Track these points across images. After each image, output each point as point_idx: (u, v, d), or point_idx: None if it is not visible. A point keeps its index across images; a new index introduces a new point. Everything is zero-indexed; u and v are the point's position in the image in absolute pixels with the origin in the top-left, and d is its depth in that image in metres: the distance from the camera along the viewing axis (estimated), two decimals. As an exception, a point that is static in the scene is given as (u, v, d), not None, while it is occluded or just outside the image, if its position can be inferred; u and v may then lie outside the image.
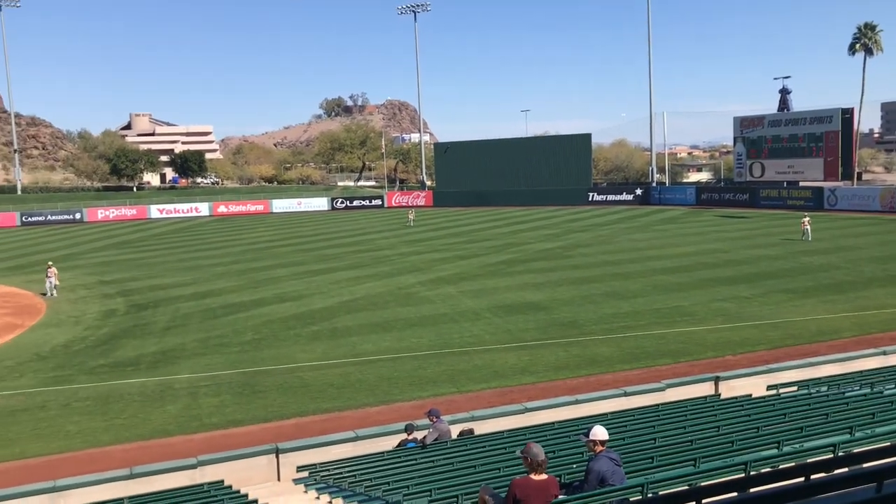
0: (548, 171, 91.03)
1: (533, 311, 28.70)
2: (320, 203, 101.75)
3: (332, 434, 14.80)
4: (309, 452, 13.72)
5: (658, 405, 15.00)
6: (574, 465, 9.83)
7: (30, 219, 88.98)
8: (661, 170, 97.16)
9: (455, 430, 14.25)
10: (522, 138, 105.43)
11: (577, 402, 15.74)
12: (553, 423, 14.24)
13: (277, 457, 13.63)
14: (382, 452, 13.44)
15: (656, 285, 32.97)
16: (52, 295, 35.76)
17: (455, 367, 21.50)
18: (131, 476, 12.88)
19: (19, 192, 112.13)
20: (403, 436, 14.13)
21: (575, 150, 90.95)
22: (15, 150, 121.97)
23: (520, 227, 63.34)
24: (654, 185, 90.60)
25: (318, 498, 11.56)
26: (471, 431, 14.44)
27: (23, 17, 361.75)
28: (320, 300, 32.63)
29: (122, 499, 11.73)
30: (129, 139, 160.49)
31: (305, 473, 12.84)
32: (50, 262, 38.05)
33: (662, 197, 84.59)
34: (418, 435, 13.79)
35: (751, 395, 15.08)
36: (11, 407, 19.30)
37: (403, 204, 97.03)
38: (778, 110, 79.86)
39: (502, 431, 13.95)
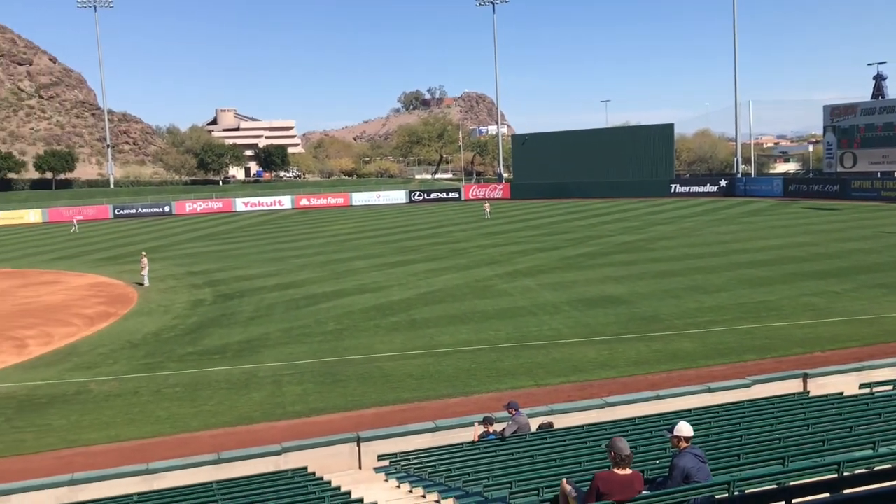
0: (628, 162, 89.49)
1: (613, 304, 28.31)
2: (398, 196, 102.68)
3: (412, 424, 14.95)
4: (389, 442, 13.89)
5: (744, 402, 14.59)
6: (657, 462, 9.66)
7: (122, 212, 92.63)
8: (747, 160, 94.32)
9: (534, 424, 14.19)
10: (602, 129, 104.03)
11: (658, 397, 15.46)
12: (634, 418, 14.03)
13: (359, 445, 13.84)
14: (461, 444, 13.49)
15: (741, 279, 32.06)
16: (145, 284, 37.22)
17: (533, 361, 21.41)
18: (219, 461, 13.29)
19: (112, 186, 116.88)
20: (482, 428, 14.16)
21: (657, 141, 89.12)
22: (108, 146, 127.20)
23: (599, 220, 62.53)
24: (739, 176, 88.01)
25: (398, 487, 11.71)
26: (550, 425, 14.36)
27: (116, 17, 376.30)
28: (399, 292, 32.96)
29: (210, 483, 12.11)
30: (215, 134, 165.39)
31: (386, 462, 13.01)
32: (144, 252, 39.68)
33: (748, 188, 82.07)
34: (497, 427, 13.80)
35: (842, 394, 14.52)
36: (106, 392, 20.17)
37: (480, 196, 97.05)
38: (872, 97, 76.45)
39: (582, 426, 13.83)
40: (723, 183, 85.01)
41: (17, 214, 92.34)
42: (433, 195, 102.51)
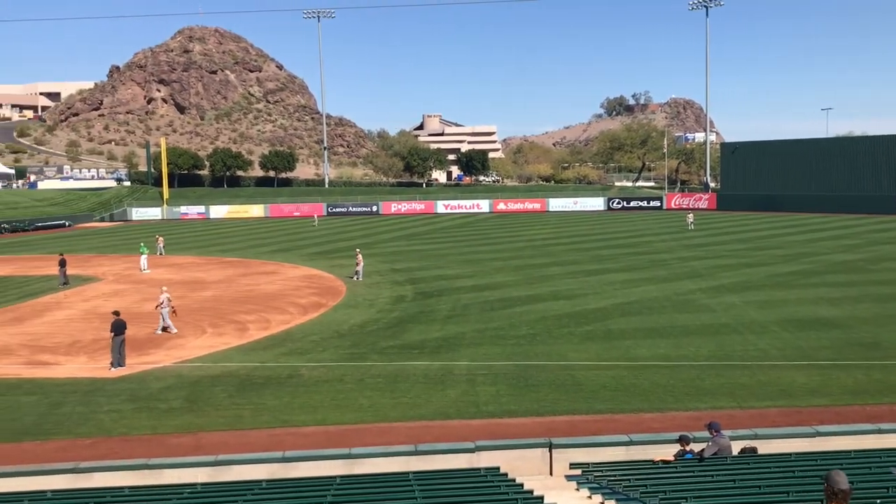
0: (850, 175, 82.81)
1: (827, 327, 26.27)
2: (596, 203, 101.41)
3: (605, 436, 14.72)
4: (582, 451, 13.77)
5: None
6: (877, 501, 8.87)
7: (334, 209, 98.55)
8: None
9: (736, 447, 13.50)
10: (822, 139, 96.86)
11: (880, 431, 14.16)
12: (850, 451, 12.96)
13: (551, 451, 13.84)
14: (657, 460, 13.10)
15: (983, 309, 28.63)
16: (357, 279, 39.41)
17: (736, 381, 20.35)
18: (415, 452, 13.80)
19: (326, 186, 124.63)
20: (678, 446, 13.68)
21: (884, 153, 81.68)
22: (325, 148, 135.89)
23: (814, 236, 58.26)
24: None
25: (590, 497, 11.58)
26: (753, 450, 13.60)
27: (336, 27, 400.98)
28: (594, 300, 32.54)
29: (406, 473, 12.60)
30: (420, 139, 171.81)
31: (578, 471, 12.90)
32: (358, 249, 42.08)
33: None
34: (695, 447, 13.27)
35: None
36: (316, 377, 21.55)
37: (684, 206, 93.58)
38: None
39: (790, 454, 12.97)
40: (964, 200, 76.36)
41: (243, 209, 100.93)
42: (633, 203, 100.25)
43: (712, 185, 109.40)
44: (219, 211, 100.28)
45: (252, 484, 12.03)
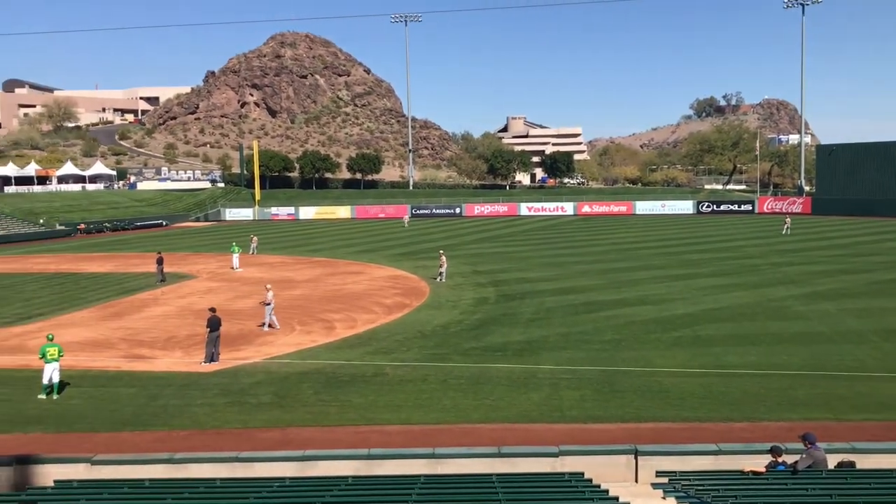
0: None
1: (933, 338, 24.98)
2: (685, 206, 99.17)
3: (693, 444, 14.38)
4: (669, 459, 13.50)
5: None
6: None
7: (418, 211, 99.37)
8: None
9: (832, 461, 12.99)
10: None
11: None
12: (957, 470, 12.29)
13: (636, 458, 13.62)
14: (747, 471, 12.72)
15: None
16: (440, 280, 39.69)
17: (832, 392, 19.58)
18: (499, 455, 13.80)
19: (411, 188, 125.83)
20: (769, 457, 13.25)
21: None
22: (410, 150, 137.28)
23: (919, 242, 55.44)
24: None
25: (676, 506, 11.34)
26: (851, 464, 13.06)
27: (422, 30, 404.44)
28: (682, 306, 31.83)
29: (490, 475, 12.61)
30: (504, 141, 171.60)
31: (665, 479, 12.66)
32: (441, 251, 42.43)
33: None
34: (788, 459, 12.83)
35: None
36: (400, 377, 21.81)
37: (777, 210, 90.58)
38: None
39: (891, 470, 12.39)
40: None
41: (330, 210, 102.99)
42: (723, 207, 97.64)
43: (807, 188, 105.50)
44: (307, 212, 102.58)
45: (338, 480, 12.27)
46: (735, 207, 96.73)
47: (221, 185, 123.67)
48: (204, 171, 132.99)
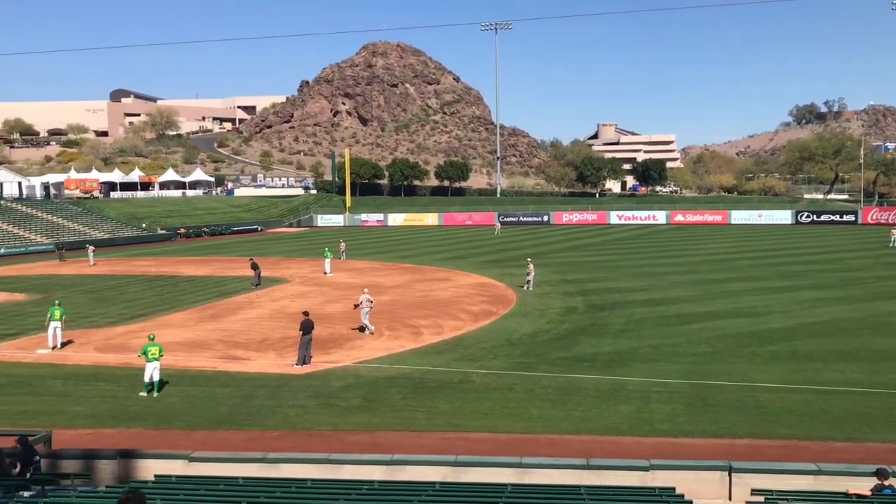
0: None
1: None
2: (783, 216, 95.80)
3: (791, 462, 13.84)
4: (765, 477, 13.02)
5: None
6: None
7: (505, 219, 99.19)
8: None
9: (944, 486, 12.25)
10: None
11: None
12: None
13: (730, 475, 13.20)
14: (850, 494, 12.15)
15: None
16: (528, 288, 39.52)
17: (944, 414, 18.49)
18: (587, 466, 13.60)
19: (498, 195, 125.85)
20: (875, 480, 12.61)
21: None
22: (497, 158, 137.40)
23: None
24: None
25: (773, 527, 10.93)
26: (965, 491, 12.28)
27: (512, 38, 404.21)
28: (779, 319, 30.70)
29: (578, 486, 12.45)
30: (594, 148, 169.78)
31: (760, 498, 12.21)
32: (529, 259, 42.30)
33: None
34: (895, 482, 12.18)
35: None
36: (486, 384, 21.79)
37: (883, 221, 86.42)
38: None
39: None
40: None
41: (418, 217, 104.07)
42: (824, 217, 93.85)
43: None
44: (396, 218, 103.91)
45: (426, 485, 12.34)
46: (837, 218, 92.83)
47: (314, 191, 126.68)
48: (297, 178, 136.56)
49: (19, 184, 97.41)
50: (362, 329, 29.24)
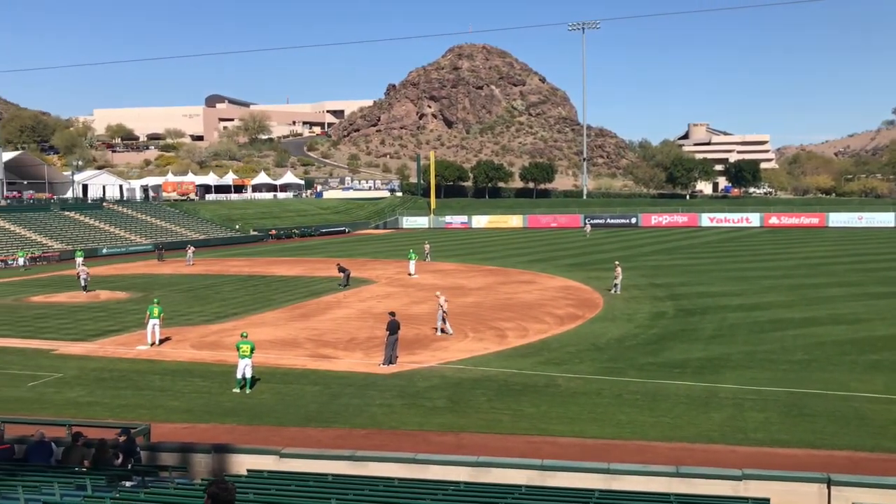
0: None
1: None
2: (885, 218, 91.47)
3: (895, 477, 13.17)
4: (867, 491, 12.42)
5: None
6: None
7: (592, 221, 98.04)
8: None
9: None
10: None
11: None
12: None
13: (829, 488, 12.65)
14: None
15: None
16: (615, 292, 38.94)
17: None
18: (677, 474, 13.27)
19: (584, 197, 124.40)
20: None
21: None
22: (584, 159, 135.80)
23: None
24: None
25: (877, 544, 10.42)
26: None
27: (600, 37, 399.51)
28: (882, 327, 29.30)
29: (668, 494, 12.17)
30: (685, 148, 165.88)
31: (862, 513, 11.69)
32: (617, 262, 41.68)
33: None
34: None
35: None
36: (572, 389, 21.55)
37: None
38: None
39: None
40: None
41: (502, 219, 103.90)
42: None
43: None
44: (480, 221, 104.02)
45: (512, 488, 12.29)
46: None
47: (399, 194, 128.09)
48: (383, 180, 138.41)
49: (120, 187, 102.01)
50: (440, 330, 29.35)
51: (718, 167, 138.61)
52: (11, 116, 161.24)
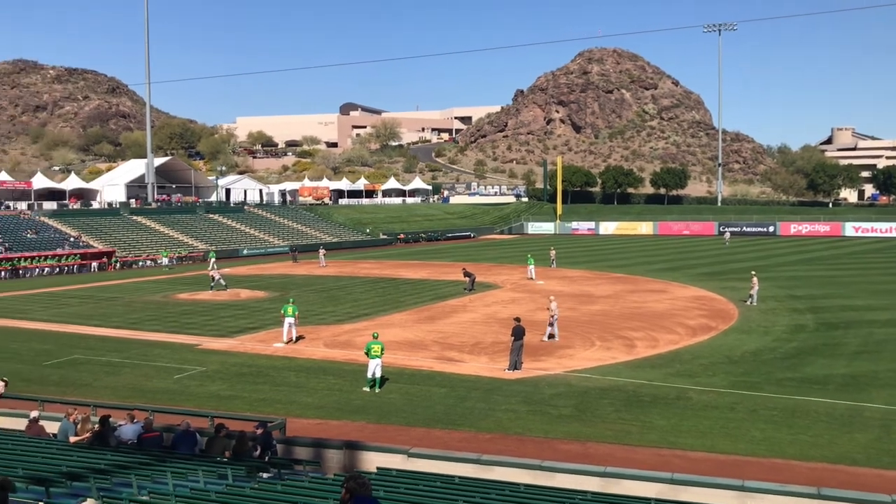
0: None
1: None
2: None
3: None
4: None
5: None
6: None
7: (726, 229, 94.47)
8: None
9: None
10: None
11: None
12: None
13: None
14: None
15: None
16: (751, 303, 37.40)
17: None
18: (818, 496, 12.61)
19: (719, 204, 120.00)
20: None
21: None
22: (719, 164, 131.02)
23: None
24: None
25: None
26: None
27: (737, 38, 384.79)
28: None
29: (807, 516, 11.60)
30: (828, 154, 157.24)
31: None
32: (753, 272, 40.06)
33: None
34: None
35: None
36: (704, 402, 20.86)
37: None
38: None
39: None
40: None
41: (631, 226, 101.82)
42: None
43: None
44: (607, 227, 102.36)
45: (640, 500, 12.06)
46: None
47: (525, 199, 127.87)
48: (509, 186, 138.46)
49: (260, 191, 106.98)
50: (548, 336, 29.23)
51: (865, 174, 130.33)
52: (162, 124, 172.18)
